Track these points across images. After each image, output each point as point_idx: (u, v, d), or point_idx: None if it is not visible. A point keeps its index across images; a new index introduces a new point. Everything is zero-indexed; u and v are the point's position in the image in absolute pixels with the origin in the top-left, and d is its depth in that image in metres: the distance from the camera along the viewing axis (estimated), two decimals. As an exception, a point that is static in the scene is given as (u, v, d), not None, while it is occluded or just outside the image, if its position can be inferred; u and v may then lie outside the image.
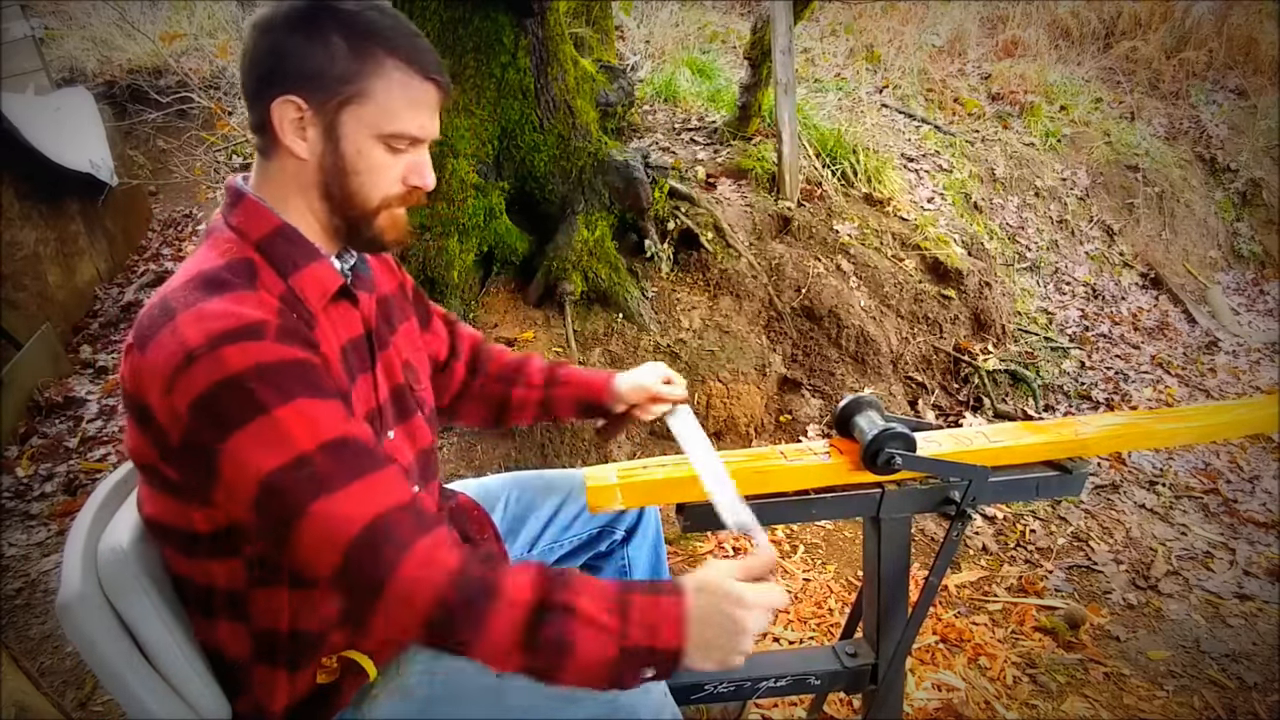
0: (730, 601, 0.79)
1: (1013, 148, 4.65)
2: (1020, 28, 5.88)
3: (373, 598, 0.76)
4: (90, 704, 1.86)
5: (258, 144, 0.90)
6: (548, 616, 0.76)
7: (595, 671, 0.78)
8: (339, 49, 0.85)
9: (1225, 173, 5.15)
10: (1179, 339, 4.11)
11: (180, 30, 4.81)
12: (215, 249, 0.87)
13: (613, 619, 0.78)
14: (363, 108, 0.86)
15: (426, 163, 0.93)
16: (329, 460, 0.77)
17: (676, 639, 0.78)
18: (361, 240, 0.95)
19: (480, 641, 0.76)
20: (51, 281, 3.32)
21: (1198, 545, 2.58)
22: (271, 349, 0.78)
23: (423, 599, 0.75)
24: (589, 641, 0.77)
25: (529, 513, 1.28)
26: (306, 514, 0.75)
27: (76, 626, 0.85)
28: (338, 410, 0.80)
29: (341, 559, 0.75)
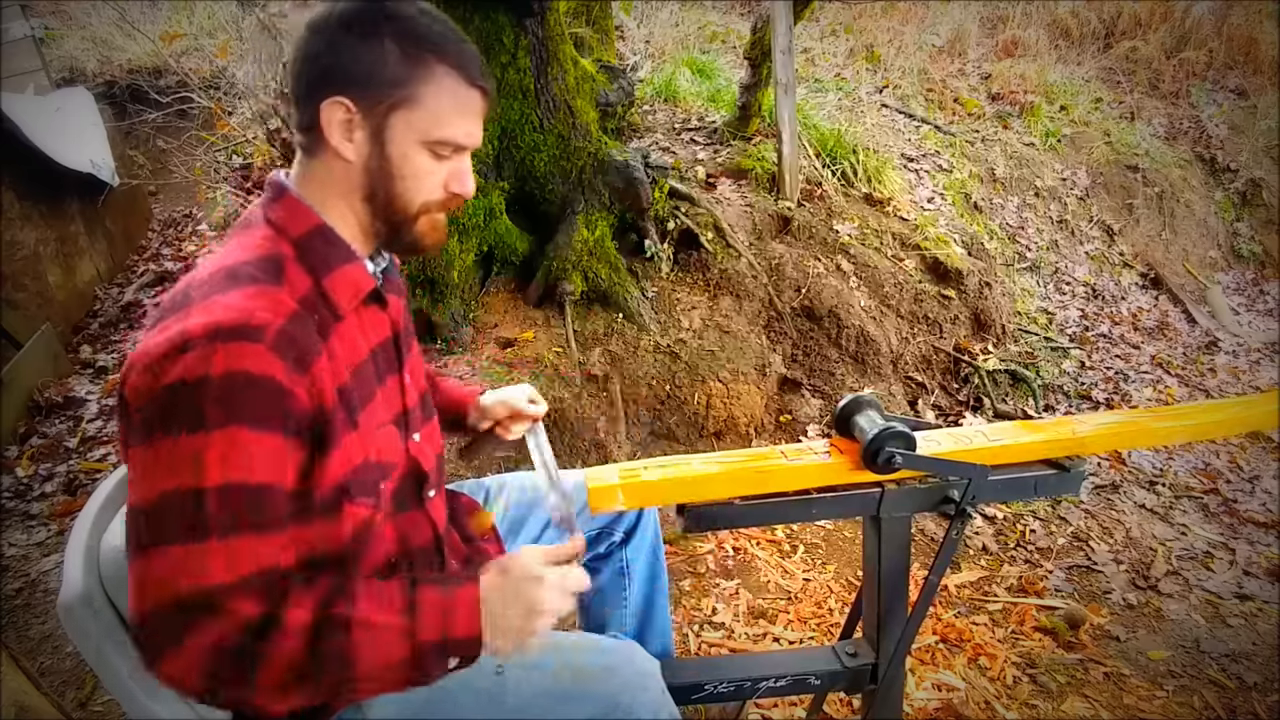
0: (529, 582, 0.83)
1: (1013, 148, 4.65)
2: (1020, 28, 5.87)
3: (154, 660, 0.74)
4: (90, 704, 1.86)
5: (302, 142, 0.91)
6: (324, 635, 0.76)
7: (389, 674, 0.78)
8: (391, 53, 0.85)
9: (1225, 173, 5.15)
10: (1179, 339, 4.11)
11: (180, 30, 4.81)
12: (248, 243, 0.87)
13: (399, 618, 0.79)
14: (411, 112, 0.87)
15: (468, 170, 0.93)
16: (216, 505, 0.75)
17: (471, 626, 0.80)
18: (401, 243, 0.95)
19: (257, 686, 0.74)
20: (51, 281, 3.33)
21: (1198, 545, 2.58)
22: (258, 356, 0.77)
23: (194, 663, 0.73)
24: (373, 646, 0.77)
25: (529, 513, 1.29)
26: (152, 553, 0.74)
27: (78, 626, 0.85)
28: (273, 448, 0.79)
29: (155, 610, 0.73)
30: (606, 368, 2.70)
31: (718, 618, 2.09)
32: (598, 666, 1.00)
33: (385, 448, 0.94)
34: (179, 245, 3.98)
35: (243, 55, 3.96)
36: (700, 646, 1.99)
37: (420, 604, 0.80)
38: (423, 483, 1.03)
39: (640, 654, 1.04)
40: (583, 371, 2.63)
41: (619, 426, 2.63)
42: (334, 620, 0.77)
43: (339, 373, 0.87)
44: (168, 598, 0.73)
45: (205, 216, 4.09)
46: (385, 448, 0.94)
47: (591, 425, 2.57)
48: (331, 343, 0.87)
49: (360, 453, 0.89)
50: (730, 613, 2.10)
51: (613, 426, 2.62)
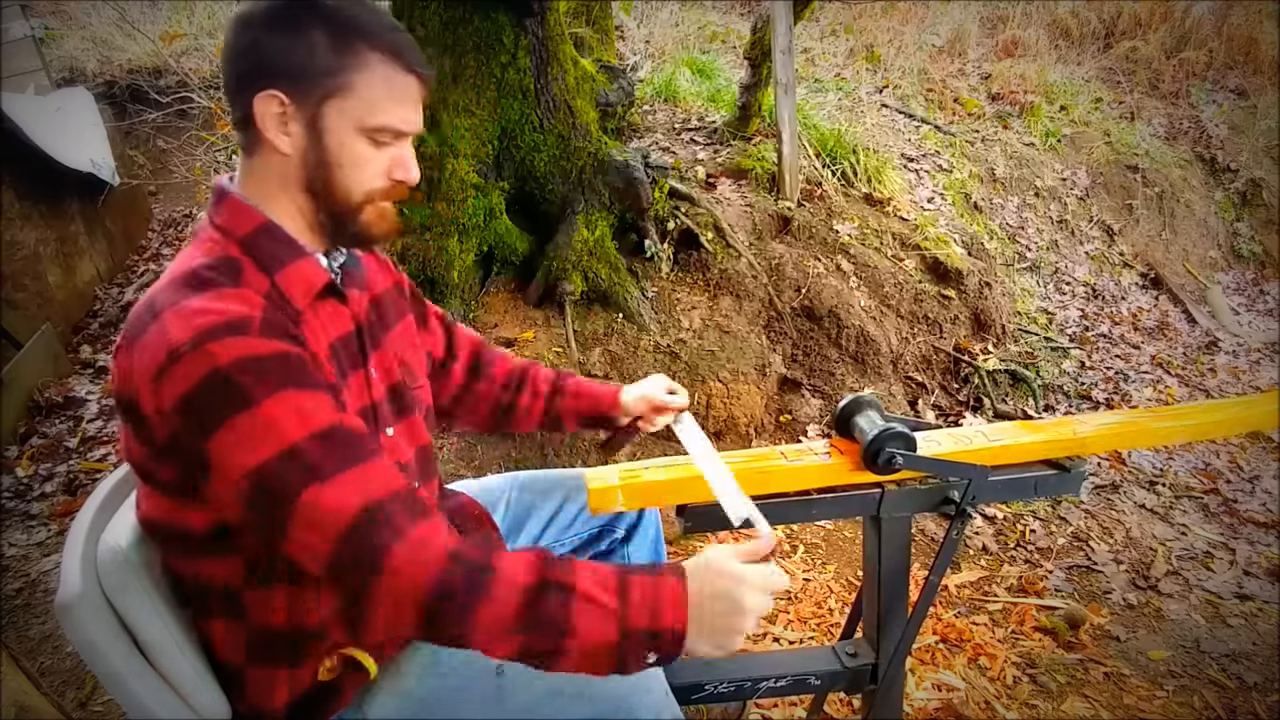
0: (731, 580, 0.79)
1: (1013, 148, 4.65)
2: (1020, 28, 5.88)
3: (367, 586, 0.75)
4: (90, 704, 1.86)
5: (241, 141, 0.90)
6: (546, 596, 0.76)
7: (597, 654, 0.77)
8: (320, 42, 0.85)
9: (1225, 173, 5.15)
10: (1179, 339, 4.11)
11: (180, 30, 4.81)
12: (200, 248, 0.87)
13: (613, 599, 0.77)
14: (345, 101, 0.86)
15: (410, 156, 0.93)
16: (319, 449, 0.76)
17: (678, 620, 0.77)
18: (347, 235, 0.94)
19: (478, 624, 0.75)
20: (51, 281, 3.33)
21: (1198, 545, 2.58)
22: (256, 343, 0.78)
23: (417, 584, 0.74)
24: (590, 622, 0.76)
25: (530, 512, 1.28)
26: (297, 503, 0.75)
27: (76, 626, 0.85)
28: (326, 401, 0.80)
29: (334, 547, 0.75)
30: (606, 368, 2.70)
31: (718, 618, 2.08)
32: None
33: None
34: (179, 245, 3.99)
35: (243, 55, 3.95)
36: (700, 646, 1.99)
37: (631, 589, 0.78)
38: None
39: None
40: (581, 371, 2.63)
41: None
42: (557, 584, 0.76)
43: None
44: (343, 525, 0.74)
45: (205, 216, 4.09)
46: None
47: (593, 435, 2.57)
48: (301, 332, 0.87)
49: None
50: (730, 613, 2.10)
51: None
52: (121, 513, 0.95)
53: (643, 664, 0.78)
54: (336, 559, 0.75)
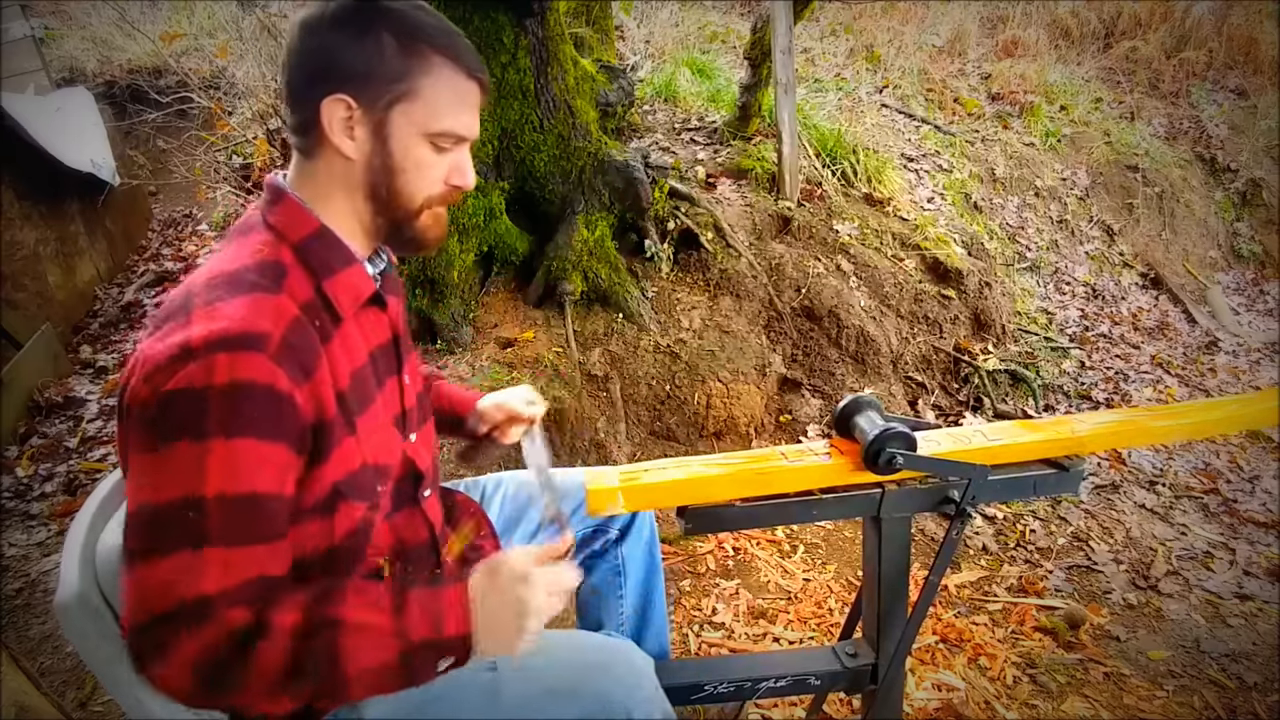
0: (516, 581, 0.81)
1: (1013, 148, 4.65)
2: (1020, 28, 5.87)
3: (146, 666, 0.74)
4: (90, 704, 1.86)
5: (299, 144, 0.90)
6: (313, 637, 0.75)
7: (379, 675, 0.77)
8: (389, 47, 0.85)
9: (1225, 173, 5.15)
10: (1179, 339, 4.11)
11: (180, 30, 4.81)
12: (247, 247, 0.86)
13: (387, 618, 0.78)
14: (411, 106, 0.87)
15: (468, 162, 0.94)
16: (218, 514, 0.75)
17: (462, 625, 0.79)
18: (403, 240, 0.95)
19: (247, 690, 0.74)
20: (51, 281, 3.33)
21: (1198, 545, 2.58)
22: (260, 365, 0.77)
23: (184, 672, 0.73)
24: (361, 648, 0.76)
25: (524, 511, 1.29)
26: (147, 561, 0.74)
27: (75, 626, 0.85)
28: (275, 457, 0.79)
29: (142, 619, 0.73)
30: (606, 368, 2.70)
31: (718, 618, 2.09)
32: (592, 664, 0.99)
33: (383, 450, 0.94)
34: (179, 245, 3.99)
35: (243, 55, 3.96)
36: (700, 646, 1.99)
37: (409, 604, 0.79)
38: (419, 482, 1.03)
39: (635, 652, 1.04)
40: (581, 371, 2.63)
41: (619, 426, 2.63)
42: (322, 621, 0.76)
43: (339, 379, 0.86)
44: (163, 606, 0.73)
45: (205, 216, 4.09)
46: (383, 450, 0.94)
47: (591, 425, 2.57)
48: (332, 347, 0.86)
49: (358, 457, 0.88)
50: (730, 613, 2.10)
51: (612, 426, 2.62)
52: (123, 512, 0.95)
53: (434, 673, 0.79)
54: (139, 630, 0.74)
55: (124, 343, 3.32)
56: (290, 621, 0.75)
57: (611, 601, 1.35)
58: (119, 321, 3.45)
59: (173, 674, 0.73)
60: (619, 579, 1.35)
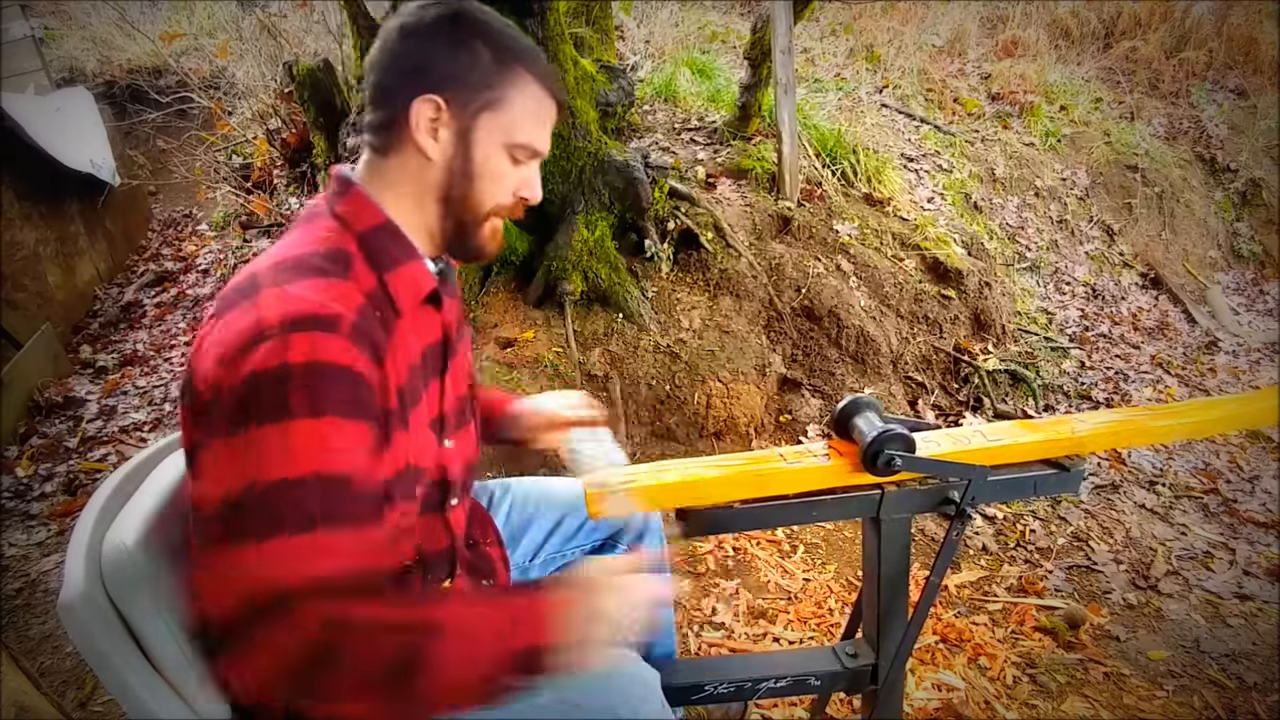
0: (603, 593, 0.79)
1: (1013, 148, 4.65)
2: (1020, 28, 5.88)
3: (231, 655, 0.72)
4: (90, 704, 1.86)
5: (375, 141, 0.91)
6: (408, 639, 0.73)
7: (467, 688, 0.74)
8: (484, 58, 0.88)
9: (1225, 173, 5.15)
10: (1179, 339, 4.11)
11: (180, 30, 4.82)
12: (313, 235, 0.87)
13: (485, 625, 0.76)
14: (498, 115, 0.89)
15: (537, 177, 0.96)
16: (316, 495, 0.73)
17: (545, 636, 0.76)
18: (464, 247, 0.96)
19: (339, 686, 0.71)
20: (51, 281, 3.33)
21: (1198, 545, 2.58)
22: (339, 347, 0.76)
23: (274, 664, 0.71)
24: (455, 655, 0.73)
25: (531, 521, 1.28)
26: (239, 547, 0.72)
27: (78, 626, 0.85)
28: (362, 438, 0.78)
29: (231, 608, 0.71)
30: (606, 368, 2.70)
31: (718, 618, 2.09)
32: (598, 676, 0.99)
33: (423, 452, 0.94)
34: (179, 245, 3.99)
35: (243, 55, 3.96)
36: (700, 646, 2.00)
37: (505, 610, 0.77)
38: (447, 490, 1.02)
39: (642, 666, 1.03)
40: (581, 371, 2.63)
41: (619, 426, 2.63)
42: (421, 622, 0.74)
43: (400, 371, 0.87)
44: (258, 592, 0.71)
45: (205, 216, 4.09)
46: (423, 452, 0.94)
47: (591, 425, 2.57)
48: (394, 340, 0.87)
49: (405, 455, 0.88)
50: (730, 613, 2.10)
51: (612, 426, 2.62)
52: (127, 511, 0.95)
53: (515, 686, 0.77)
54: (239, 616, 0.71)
55: (124, 343, 3.32)
56: (381, 619, 0.73)
57: None
58: (119, 321, 3.46)
59: (261, 665, 0.70)
60: None
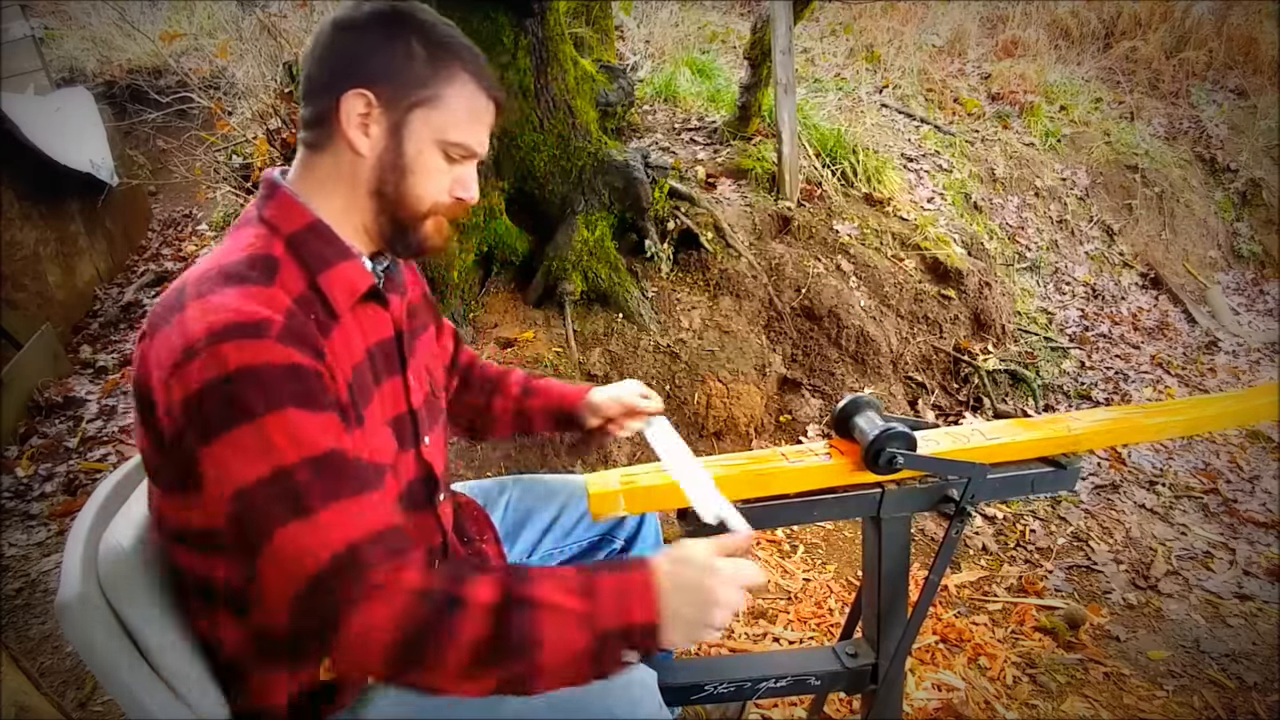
0: (702, 571, 0.78)
1: (1013, 148, 4.65)
2: (1020, 28, 5.88)
3: (327, 641, 0.72)
4: (90, 704, 1.86)
5: (308, 138, 0.91)
6: (512, 615, 0.73)
7: (573, 662, 0.74)
8: (419, 53, 0.87)
9: (1225, 173, 5.15)
10: (1179, 339, 4.11)
11: (180, 30, 4.82)
12: (238, 243, 0.86)
13: (580, 602, 0.75)
14: (432, 112, 0.88)
15: (474, 176, 0.95)
16: (310, 476, 0.74)
17: (649, 613, 0.76)
18: (405, 244, 0.95)
19: (444, 665, 0.72)
20: (51, 281, 3.33)
21: (1198, 545, 2.58)
22: (270, 349, 0.76)
23: (380, 636, 0.72)
24: (559, 631, 0.74)
25: (529, 518, 1.28)
26: (273, 538, 0.72)
27: (76, 627, 0.85)
28: (330, 423, 0.78)
29: (295, 597, 0.72)
30: (606, 368, 2.70)
31: (718, 618, 2.08)
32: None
33: (379, 450, 0.93)
34: (179, 245, 3.99)
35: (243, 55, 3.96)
36: (700, 646, 2.00)
37: (598, 588, 0.76)
38: (434, 486, 1.03)
39: (639, 668, 1.03)
40: (581, 371, 2.63)
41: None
42: (521, 598, 0.74)
43: (343, 369, 0.86)
44: (316, 565, 0.71)
45: (205, 216, 4.09)
46: (379, 450, 0.93)
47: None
48: (332, 342, 0.86)
49: (365, 451, 0.88)
50: (730, 613, 2.10)
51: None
52: (124, 512, 0.95)
53: (620, 663, 0.76)
54: (297, 608, 0.73)
55: (124, 343, 3.32)
56: (488, 597, 0.73)
57: None
58: (119, 321, 3.45)
59: (360, 639, 0.71)
60: None
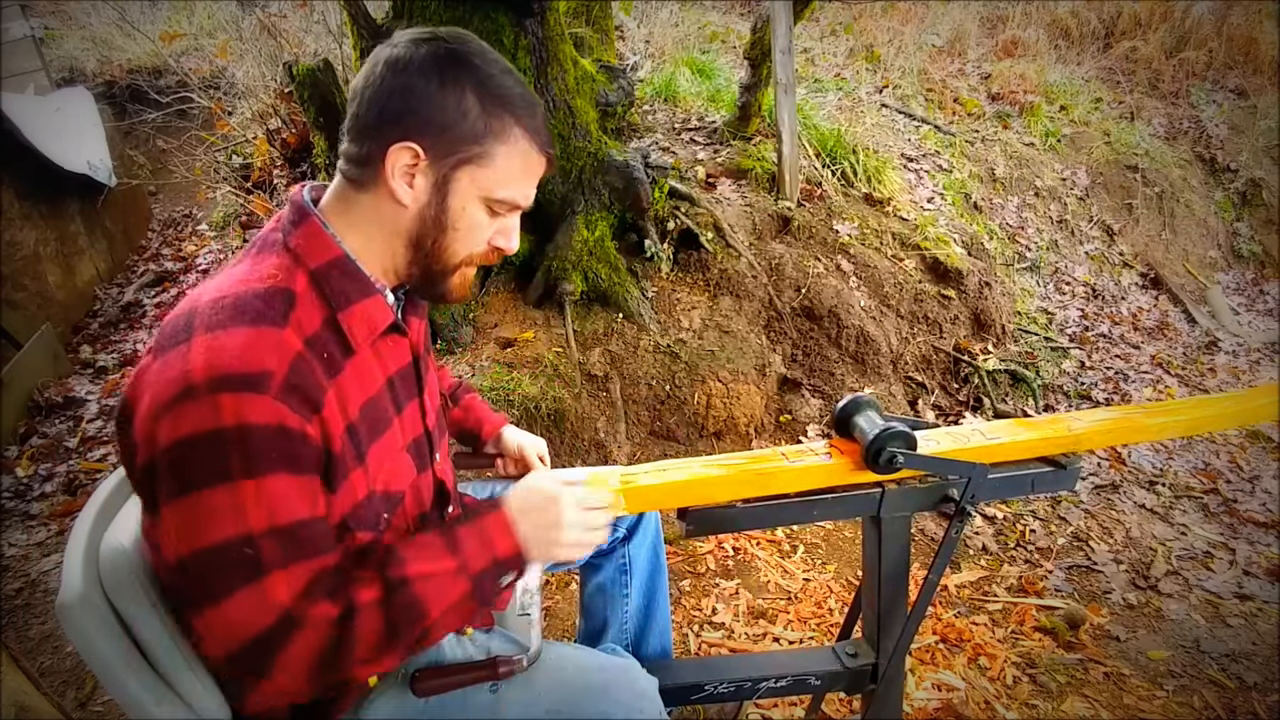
0: (547, 497, 0.90)
1: (1013, 148, 4.65)
2: (1020, 28, 5.88)
3: (258, 679, 0.80)
4: (90, 704, 1.86)
5: (350, 173, 0.87)
6: (396, 599, 0.80)
7: (456, 610, 0.84)
8: (472, 107, 0.84)
9: (1225, 173, 5.15)
10: (1179, 339, 4.11)
11: (180, 30, 4.82)
12: (259, 270, 0.83)
13: (449, 559, 0.84)
14: (480, 169, 0.86)
15: (516, 227, 0.94)
16: (273, 545, 0.76)
17: (508, 543, 0.87)
18: (430, 293, 0.95)
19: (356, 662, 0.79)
20: (51, 281, 3.33)
21: (1198, 545, 2.58)
22: (266, 408, 0.75)
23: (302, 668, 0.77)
24: (439, 591, 0.82)
25: None
26: (222, 602, 0.75)
27: (76, 627, 0.85)
28: (307, 487, 0.79)
29: (243, 647, 0.76)
30: (606, 368, 2.70)
31: (718, 618, 2.09)
32: (595, 686, 0.99)
33: (394, 478, 0.93)
34: (179, 245, 3.99)
35: (243, 55, 3.96)
36: (700, 646, 1.99)
37: (460, 541, 0.85)
38: (445, 500, 1.04)
39: (639, 673, 1.03)
40: (581, 371, 2.63)
41: (619, 426, 2.63)
42: (396, 583, 0.81)
43: (348, 411, 0.85)
44: (250, 634, 0.75)
45: (205, 216, 4.09)
46: (394, 478, 0.93)
47: (591, 425, 2.57)
48: (342, 379, 0.84)
49: (365, 487, 0.88)
50: (730, 613, 2.10)
51: (612, 426, 2.62)
52: (124, 513, 0.95)
53: (499, 590, 0.88)
54: (235, 658, 0.76)
55: (124, 343, 3.32)
56: (372, 595, 0.80)
57: (617, 599, 1.37)
58: (119, 321, 3.46)
59: (286, 681, 0.78)
60: (625, 577, 1.36)
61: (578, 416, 2.54)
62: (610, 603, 1.37)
